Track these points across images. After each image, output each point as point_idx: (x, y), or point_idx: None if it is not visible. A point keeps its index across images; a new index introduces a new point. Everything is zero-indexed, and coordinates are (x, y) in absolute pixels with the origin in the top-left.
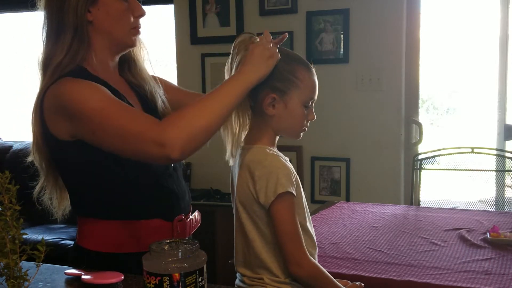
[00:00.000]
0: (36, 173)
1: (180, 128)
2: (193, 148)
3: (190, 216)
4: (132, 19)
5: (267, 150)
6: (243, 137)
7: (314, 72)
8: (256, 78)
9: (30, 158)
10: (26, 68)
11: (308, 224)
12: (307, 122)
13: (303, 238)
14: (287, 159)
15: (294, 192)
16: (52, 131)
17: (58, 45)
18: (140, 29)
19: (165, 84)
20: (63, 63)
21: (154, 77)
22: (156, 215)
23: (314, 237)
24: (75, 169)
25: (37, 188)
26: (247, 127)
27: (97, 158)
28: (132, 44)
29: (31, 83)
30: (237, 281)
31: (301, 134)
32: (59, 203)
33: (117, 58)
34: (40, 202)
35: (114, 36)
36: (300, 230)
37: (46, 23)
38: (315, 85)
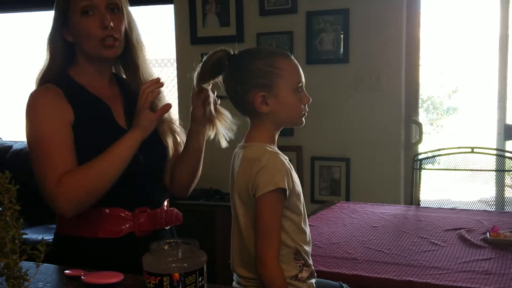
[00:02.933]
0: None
1: (70, 193)
2: (81, 209)
3: (159, 210)
4: (100, 32)
5: (267, 148)
6: None
7: (293, 57)
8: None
9: None
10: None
11: (303, 224)
12: (304, 106)
13: (280, 242)
14: (286, 158)
15: (287, 191)
16: None
17: (49, 57)
18: (112, 39)
19: None
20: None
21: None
22: (118, 205)
23: (309, 236)
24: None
25: None
26: None
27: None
28: (106, 55)
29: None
30: (234, 283)
31: (303, 119)
32: None
33: (104, 68)
34: None
35: (86, 51)
36: (280, 233)
37: None
38: (297, 69)
